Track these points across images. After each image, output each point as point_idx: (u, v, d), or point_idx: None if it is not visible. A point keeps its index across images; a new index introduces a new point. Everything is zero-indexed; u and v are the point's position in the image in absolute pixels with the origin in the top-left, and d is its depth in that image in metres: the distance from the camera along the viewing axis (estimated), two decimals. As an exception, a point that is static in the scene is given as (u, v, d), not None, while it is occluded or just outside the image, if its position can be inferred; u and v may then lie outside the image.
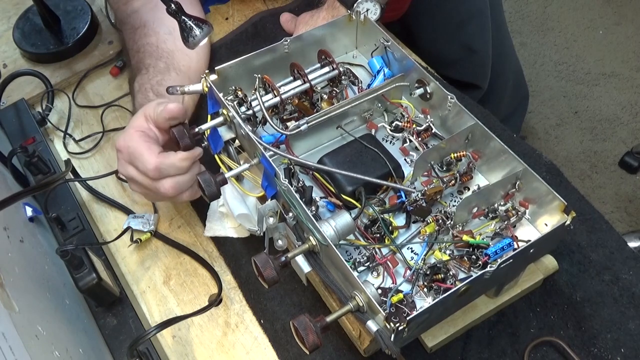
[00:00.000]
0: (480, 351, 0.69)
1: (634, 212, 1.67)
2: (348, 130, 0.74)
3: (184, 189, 0.71)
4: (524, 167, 0.63)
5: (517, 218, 0.64)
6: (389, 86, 0.73)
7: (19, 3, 1.12)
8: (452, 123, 0.70)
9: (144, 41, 0.88)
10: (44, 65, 1.02)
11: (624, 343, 0.68)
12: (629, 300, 0.71)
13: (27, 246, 0.75)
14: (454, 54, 1.19)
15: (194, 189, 0.73)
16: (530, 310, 0.71)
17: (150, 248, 0.83)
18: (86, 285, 0.71)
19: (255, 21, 1.03)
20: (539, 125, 1.87)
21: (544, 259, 0.68)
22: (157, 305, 0.79)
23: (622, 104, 1.89)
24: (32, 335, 0.60)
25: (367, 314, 0.56)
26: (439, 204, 0.67)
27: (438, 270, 0.60)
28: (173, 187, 0.70)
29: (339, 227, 0.59)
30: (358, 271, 0.63)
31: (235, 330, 0.76)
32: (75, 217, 0.85)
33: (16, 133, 0.94)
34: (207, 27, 0.72)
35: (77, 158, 0.93)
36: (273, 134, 0.72)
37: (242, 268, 0.79)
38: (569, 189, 0.80)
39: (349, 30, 0.80)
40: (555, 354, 0.68)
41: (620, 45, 2.03)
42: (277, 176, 0.62)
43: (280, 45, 0.76)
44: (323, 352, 0.71)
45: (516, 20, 2.14)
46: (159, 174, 0.69)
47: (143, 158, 0.69)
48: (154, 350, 0.73)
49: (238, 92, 0.71)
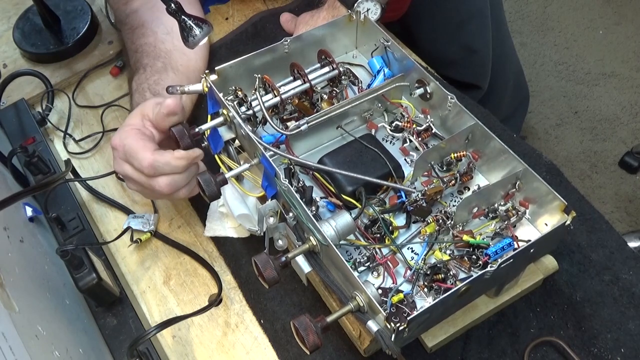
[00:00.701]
0: (480, 351, 0.69)
1: (634, 212, 1.67)
2: (348, 130, 0.74)
3: (180, 187, 0.71)
4: (524, 167, 0.63)
5: (517, 218, 0.64)
6: (389, 86, 0.73)
7: (19, 3, 1.12)
8: (452, 123, 0.70)
9: (142, 41, 0.88)
10: (44, 65, 1.02)
11: (624, 343, 0.68)
12: (629, 300, 0.71)
13: (27, 246, 0.75)
14: (454, 54, 1.19)
15: (191, 186, 0.73)
16: (530, 310, 0.71)
17: (150, 248, 0.83)
18: (86, 285, 0.71)
19: (255, 21, 1.03)
20: (539, 125, 1.87)
21: (544, 259, 0.68)
22: (157, 305, 0.79)
23: (622, 104, 1.89)
24: (32, 335, 0.59)
25: (367, 314, 0.56)
26: (439, 204, 0.67)
27: (438, 270, 0.60)
28: (168, 185, 0.70)
29: (339, 227, 0.59)
30: (358, 271, 0.63)
31: (235, 330, 0.76)
32: (75, 217, 0.85)
33: (16, 133, 0.94)
34: (207, 27, 0.72)
35: (77, 158, 0.93)
36: (273, 134, 0.72)
37: (242, 268, 0.79)
38: (569, 189, 0.80)
39: (349, 30, 0.80)
40: (555, 354, 0.68)
41: (620, 45, 2.03)
42: (277, 176, 0.61)
43: (280, 45, 0.76)
44: (323, 352, 0.71)
45: (516, 20, 2.14)
46: (153, 171, 0.69)
47: (138, 156, 0.69)
48: (154, 350, 0.73)
49: (238, 92, 0.71)
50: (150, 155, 0.68)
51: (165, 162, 0.68)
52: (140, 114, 0.72)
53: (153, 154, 0.68)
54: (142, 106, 0.73)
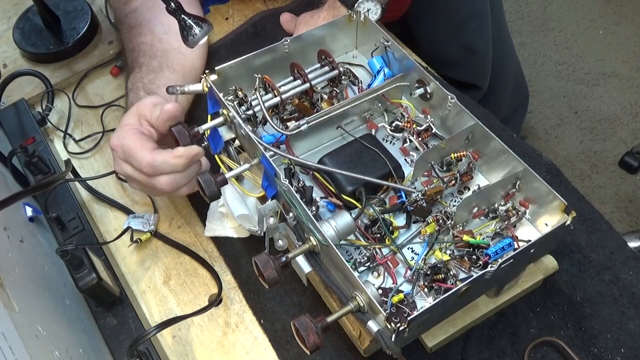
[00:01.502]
0: (480, 351, 0.69)
1: (634, 212, 1.67)
2: (348, 130, 0.74)
3: (180, 185, 0.71)
4: (524, 167, 0.63)
5: (517, 218, 0.64)
6: (389, 86, 0.73)
7: (19, 3, 1.12)
8: (452, 123, 0.70)
9: (139, 40, 0.88)
10: (44, 65, 1.02)
11: (624, 343, 0.68)
12: (629, 300, 0.71)
13: (27, 246, 0.75)
14: (454, 54, 1.19)
15: (192, 183, 0.72)
16: (530, 310, 0.71)
17: (150, 248, 0.83)
18: (86, 285, 0.71)
19: (255, 21, 1.03)
20: (539, 125, 1.87)
21: (544, 259, 0.68)
22: (157, 305, 0.79)
23: (622, 104, 1.89)
24: (32, 335, 0.59)
25: (367, 314, 0.56)
26: (439, 204, 0.67)
27: (438, 271, 0.60)
28: (169, 183, 0.70)
29: (339, 227, 0.59)
30: (358, 271, 0.63)
31: (235, 330, 0.76)
32: (75, 217, 0.85)
33: (16, 133, 0.94)
34: (207, 26, 0.72)
35: (77, 158, 0.93)
36: (273, 134, 0.72)
37: (242, 268, 0.79)
38: (569, 189, 0.80)
39: (349, 30, 0.80)
40: (555, 354, 0.68)
41: (620, 45, 2.03)
42: (278, 176, 0.61)
43: (280, 45, 0.76)
44: (323, 352, 0.71)
45: (516, 20, 2.14)
46: (153, 170, 0.69)
47: (137, 155, 0.69)
48: (154, 350, 0.73)
49: (238, 92, 0.71)
50: (148, 155, 0.68)
51: (163, 161, 0.68)
52: (137, 113, 0.72)
53: (151, 154, 0.68)
54: (137, 105, 0.73)
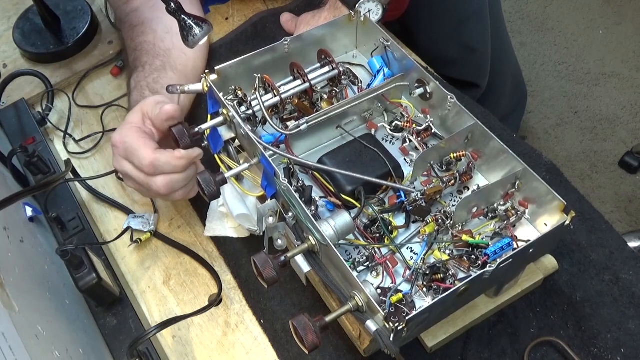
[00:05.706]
0: (480, 351, 0.69)
1: (634, 212, 1.67)
2: (348, 130, 0.74)
3: (176, 188, 0.71)
4: (523, 167, 0.63)
5: (516, 218, 0.64)
6: (389, 86, 0.73)
7: (19, 3, 1.12)
8: (452, 123, 0.70)
9: (142, 39, 0.88)
10: (44, 65, 1.02)
11: (624, 343, 0.68)
12: (629, 300, 0.71)
13: (27, 246, 0.75)
14: (454, 53, 1.20)
15: (188, 188, 0.73)
16: (530, 310, 0.71)
17: (150, 248, 0.83)
18: (86, 285, 0.71)
19: (255, 21, 1.03)
20: (539, 125, 1.87)
21: (544, 259, 0.68)
22: (157, 305, 0.79)
23: (622, 104, 1.89)
24: (32, 335, 0.60)
25: (366, 313, 0.56)
26: (438, 203, 0.67)
27: (437, 270, 0.61)
28: (166, 185, 0.70)
29: (338, 226, 0.59)
30: (357, 271, 0.63)
31: (235, 330, 0.76)
32: (75, 217, 0.85)
33: (16, 133, 0.94)
34: (207, 26, 0.72)
35: (77, 158, 0.93)
36: (273, 134, 0.72)
37: (242, 268, 0.79)
38: (569, 189, 0.80)
39: (349, 30, 0.80)
40: (555, 354, 0.68)
41: (620, 45, 2.03)
42: (277, 176, 0.62)
43: (280, 45, 0.76)
44: (323, 352, 0.71)
45: (516, 20, 2.14)
46: (154, 170, 0.69)
47: (139, 154, 0.69)
48: (154, 350, 0.73)
49: (238, 92, 0.71)
50: (151, 154, 0.68)
51: (165, 161, 0.68)
52: (141, 112, 0.72)
53: (154, 153, 0.69)
54: (142, 104, 0.73)
